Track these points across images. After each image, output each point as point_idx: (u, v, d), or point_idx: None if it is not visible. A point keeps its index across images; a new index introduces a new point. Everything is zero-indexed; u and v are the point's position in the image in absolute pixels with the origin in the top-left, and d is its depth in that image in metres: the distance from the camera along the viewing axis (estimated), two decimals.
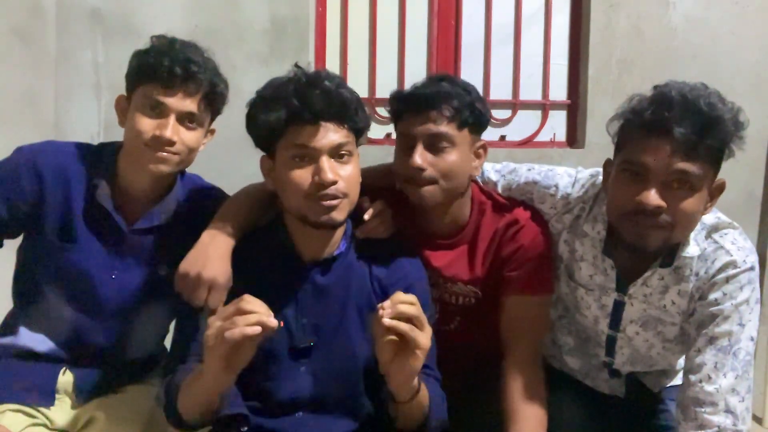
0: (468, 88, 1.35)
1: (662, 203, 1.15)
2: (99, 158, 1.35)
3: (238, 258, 1.24)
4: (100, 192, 1.31)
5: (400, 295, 1.01)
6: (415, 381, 1.09)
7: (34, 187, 1.30)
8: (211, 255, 1.20)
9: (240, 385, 1.23)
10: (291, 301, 1.23)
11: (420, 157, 1.28)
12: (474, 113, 1.33)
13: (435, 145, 1.30)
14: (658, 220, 1.16)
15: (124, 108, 1.34)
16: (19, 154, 1.33)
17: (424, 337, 1.02)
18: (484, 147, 1.39)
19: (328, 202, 1.16)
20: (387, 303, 1.01)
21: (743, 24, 2.52)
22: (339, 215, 1.18)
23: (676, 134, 1.12)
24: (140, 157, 1.28)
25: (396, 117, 1.36)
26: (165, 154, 1.27)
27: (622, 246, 1.26)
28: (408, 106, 1.32)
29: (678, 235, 1.20)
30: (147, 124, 1.26)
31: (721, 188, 1.21)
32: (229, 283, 1.20)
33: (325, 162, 1.15)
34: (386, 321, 0.99)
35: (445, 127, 1.29)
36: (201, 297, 1.18)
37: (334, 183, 1.15)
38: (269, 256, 1.26)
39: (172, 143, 1.27)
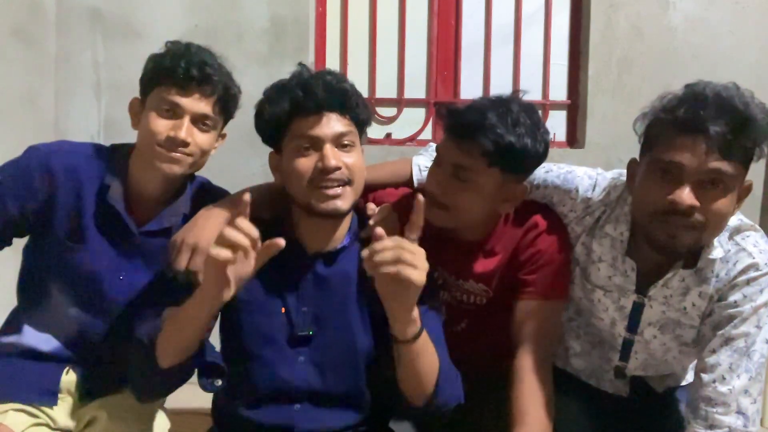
0: (518, 128, 1.25)
1: (696, 203, 1.12)
2: (111, 159, 1.36)
3: None
4: (111, 193, 1.32)
5: (375, 245, 1.01)
6: (415, 315, 1.09)
7: (45, 187, 1.30)
8: (199, 223, 1.23)
9: (239, 374, 1.26)
10: (292, 289, 1.25)
11: (438, 184, 1.29)
12: (508, 157, 1.26)
13: (458, 174, 1.28)
14: (690, 220, 1.13)
15: (137, 111, 1.35)
16: (32, 153, 1.33)
17: (416, 274, 1.01)
18: (523, 189, 1.34)
19: (332, 190, 1.18)
20: (365, 254, 1.01)
21: (743, 24, 2.53)
22: (343, 204, 1.20)
23: (711, 132, 1.09)
24: (153, 158, 1.29)
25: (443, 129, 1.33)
26: (178, 155, 1.28)
27: (651, 247, 1.23)
28: (454, 131, 1.29)
29: (708, 236, 1.18)
30: (161, 125, 1.28)
31: (748, 189, 1.19)
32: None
33: (329, 149, 1.18)
34: (370, 273, 1.02)
35: (469, 160, 1.26)
36: (183, 260, 1.20)
37: (338, 168, 1.18)
38: None
39: (186, 144, 1.28)
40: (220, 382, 1.20)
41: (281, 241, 1.03)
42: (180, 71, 1.26)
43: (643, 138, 1.23)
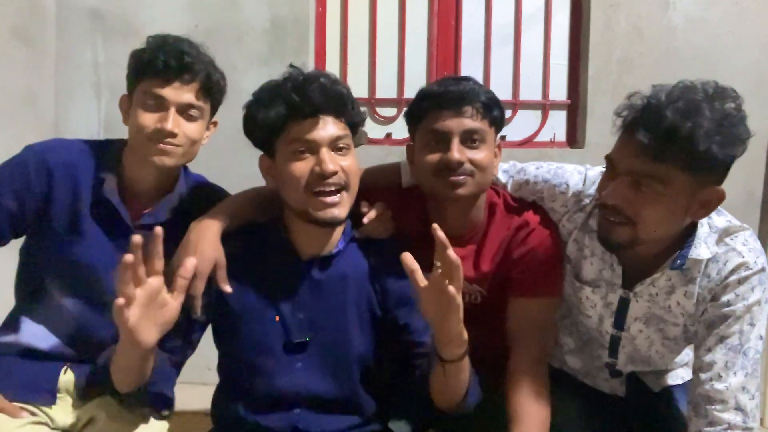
0: (488, 89, 1.37)
1: (616, 201, 1.17)
2: (106, 154, 1.38)
3: (236, 252, 1.25)
4: (106, 186, 1.34)
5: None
6: (464, 337, 1.10)
7: (43, 182, 1.32)
8: (193, 243, 1.22)
9: (236, 380, 1.26)
10: (287, 296, 1.25)
11: (458, 151, 1.30)
12: (500, 110, 1.36)
13: (469, 140, 1.31)
14: (619, 217, 1.18)
15: (126, 107, 1.37)
16: (29, 151, 1.35)
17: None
18: (499, 146, 1.41)
19: (330, 198, 1.18)
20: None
21: (743, 24, 2.52)
22: (341, 212, 1.20)
23: (639, 137, 1.13)
24: (144, 152, 1.31)
25: (422, 114, 1.35)
26: (168, 146, 1.30)
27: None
28: (442, 103, 1.31)
29: (646, 235, 1.20)
30: (148, 119, 1.30)
31: (718, 197, 1.18)
32: (214, 263, 1.22)
33: (326, 153, 1.18)
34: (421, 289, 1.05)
35: (479, 123, 1.32)
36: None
37: (335, 173, 1.18)
38: (268, 251, 1.28)
39: (173, 135, 1.30)
40: (167, 413, 1.23)
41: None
42: (159, 63, 1.28)
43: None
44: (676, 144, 1.10)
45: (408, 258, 1.05)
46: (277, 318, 1.24)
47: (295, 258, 1.26)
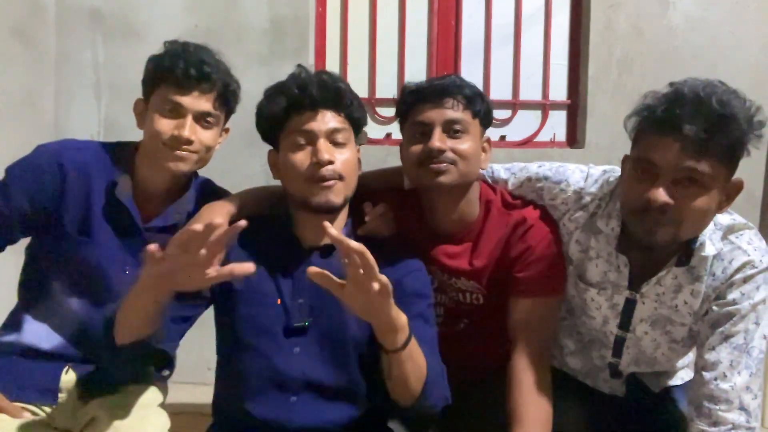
0: (473, 85, 1.39)
1: (669, 201, 1.14)
2: (119, 156, 1.40)
3: (240, 239, 1.25)
4: (119, 188, 1.36)
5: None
6: (402, 323, 1.10)
7: (56, 182, 1.33)
8: (204, 218, 1.24)
9: (234, 363, 1.28)
10: (288, 280, 1.28)
11: (439, 140, 1.31)
12: (484, 104, 1.38)
13: (452, 130, 1.33)
14: (665, 217, 1.15)
15: (142, 111, 1.39)
16: (42, 150, 1.37)
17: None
18: (489, 142, 1.43)
19: (325, 182, 1.22)
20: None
21: (743, 24, 2.52)
22: (335, 198, 1.24)
23: (685, 131, 1.11)
24: (159, 157, 1.33)
25: (407, 109, 1.38)
26: (184, 153, 1.33)
27: (634, 243, 1.26)
28: (424, 96, 1.35)
29: (686, 232, 1.19)
30: (165, 125, 1.32)
31: (738, 187, 1.20)
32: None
33: (322, 144, 1.24)
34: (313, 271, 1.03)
35: (461, 114, 1.34)
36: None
37: (331, 163, 1.22)
38: (271, 239, 1.31)
39: (190, 142, 1.32)
40: (167, 373, 1.24)
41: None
42: (179, 71, 1.30)
43: (632, 135, 1.24)
44: (724, 134, 1.11)
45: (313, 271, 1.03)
46: (279, 301, 1.26)
47: (297, 246, 1.30)
